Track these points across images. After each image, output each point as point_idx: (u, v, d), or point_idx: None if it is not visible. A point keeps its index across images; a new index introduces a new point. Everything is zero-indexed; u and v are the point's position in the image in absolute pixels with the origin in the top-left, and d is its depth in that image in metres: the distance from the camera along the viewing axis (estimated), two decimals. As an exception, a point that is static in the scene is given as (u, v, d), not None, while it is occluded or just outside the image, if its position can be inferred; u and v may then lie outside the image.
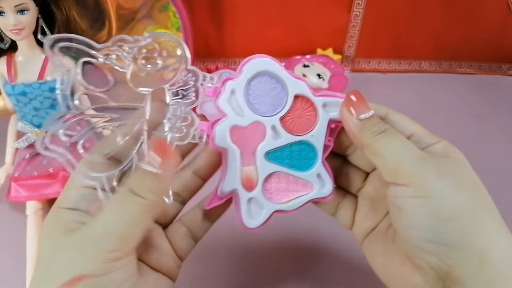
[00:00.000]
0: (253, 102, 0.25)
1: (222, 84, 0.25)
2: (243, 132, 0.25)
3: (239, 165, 0.26)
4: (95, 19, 0.49)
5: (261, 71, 0.25)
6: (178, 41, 0.24)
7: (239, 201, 0.26)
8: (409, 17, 0.58)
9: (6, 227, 0.41)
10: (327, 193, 0.27)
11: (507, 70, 0.63)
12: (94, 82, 0.24)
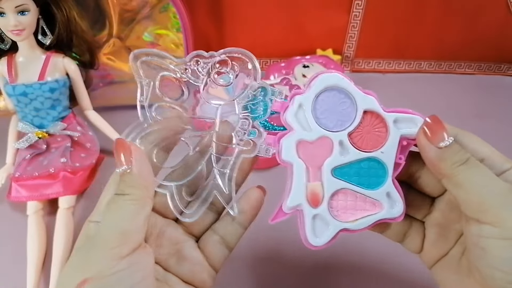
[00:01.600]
0: (321, 117, 0.25)
1: (290, 98, 0.25)
2: (309, 147, 0.25)
3: (304, 181, 0.25)
4: (96, 20, 0.49)
5: (330, 85, 0.25)
6: (249, 56, 0.25)
7: (303, 218, 0.25)
8: (409, 18, 0.58)
9: (6, 227, 0.41)
10: (397, 213, 0.25)
11: (507, 70, 0.63)
12: (171, 94, 0.26)
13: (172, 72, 0.25)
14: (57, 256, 0.37)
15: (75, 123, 0.45)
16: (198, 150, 0.26)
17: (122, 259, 0.20)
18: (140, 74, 0.25)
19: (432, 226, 0.26)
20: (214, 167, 0.26)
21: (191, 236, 0.26)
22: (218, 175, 0.26)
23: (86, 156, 0.44)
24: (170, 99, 0.26)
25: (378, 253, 0.38)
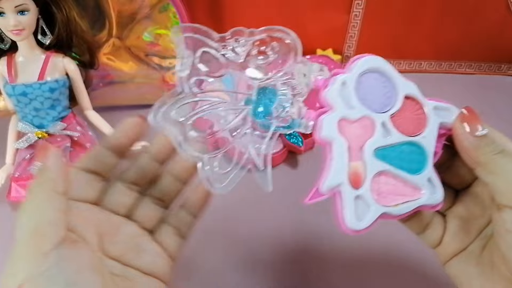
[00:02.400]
0: (363, 97, 0.25)
1: (333, 76, 0.25)
2: (351, 126, 0.24)
3: (346, 160, 0.24)
4: (95, 19, 0.49)
5: (372, 68, 0.25)
6: (287, 31, 0.26)
7: (343, 199, 0.24)
8: (409, 18, 0.58)
9: (6, 227, 0.41)
10: (438, 200, 0.25)
11: (507, 70, 0.63)
12: (210, 69, 0.26)
13: (213, 49, 0.25)
14: (57, 256, 0.37)
15: (75, 123, 0.45)
16: (233, 123, 0.26)
17: (46, 257, 0.19)
18: (182, 47, 0.25)
19: (454, 219, 0.26)
20: (249, 142, 0.26)
21: (146, 231, 0.27)
22: (254, 151, 0.26)
23: (86, 156, 0.44)
24: (208, 73, 0.26)
25: (380, 249, 0.38)
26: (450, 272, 0.26)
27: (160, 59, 0.54)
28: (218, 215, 0.35)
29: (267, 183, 0.25)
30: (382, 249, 0.39)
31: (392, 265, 0.38)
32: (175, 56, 0.53)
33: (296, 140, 0.46)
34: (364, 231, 0.24)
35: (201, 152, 0.25)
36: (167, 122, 0.24)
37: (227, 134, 0.37)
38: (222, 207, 0.35)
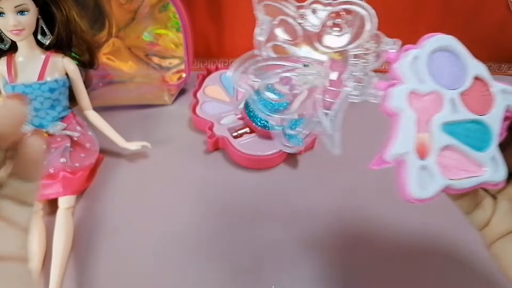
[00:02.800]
0: (433, 73, 0.26)
1: (405, 50, 0.26)
2: (421, 99, 0.25)
3: (413, 130, 0.25)
4: (95, 19, 0.49)
5: (444, 46, 0.26)
6: (364, 5, 0.27)
7: (408, 168, 0.24)
8: (409, 17, 0.58)
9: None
10: (500, 178, 0.25)
11: (507, 70, 0.63)
12: (287, 36, 0.27)
13: (291, 17, 0.26)
14: (56, 256, 0.37)
15: (74, 123, 0.45)
16: (305, 88, 0.27)
17: None
18: (261, 13, 0.27)
19: (505, 200, 0.27)
20: (320, 108, 0.27)
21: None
22: (324, 116, 0.27)
23: (86, 156, 0.44)
24: (285, 40, 0.27)
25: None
26: (495, 253, 0.26)
27: (160, 59, 0.54)
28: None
29: (335, 146, 0.27)
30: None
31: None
32: (175, 56, 0.53)
33: (296, 140, 0.46)
34: (426, 200, 0.24)
35: (275, 112, 0.28)
36: (244, 82, 0.27)
37: (227, 134, 0.43)
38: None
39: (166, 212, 0.42)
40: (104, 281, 0.36)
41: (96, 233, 0.40)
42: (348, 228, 0.41)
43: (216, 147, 0.49)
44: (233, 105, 0.53)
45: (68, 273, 0.37)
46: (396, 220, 0.42)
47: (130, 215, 0.42)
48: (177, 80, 0.55)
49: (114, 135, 0.46)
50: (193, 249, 0.39)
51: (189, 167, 0.47)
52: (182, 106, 0.56)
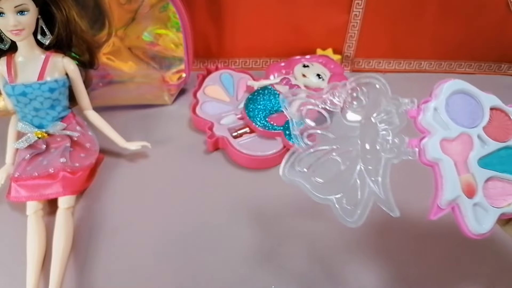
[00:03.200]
0: (454, 117, 0.28)
1: (422, 104, 0.29)
2: (452, 144, 0.28)
3: (456, 174, 0.27)
4: (95, 19, 0.49)
5: (456, 90, 0.29)
6: (375, 77, 0.30)
7: (463, 209, 0.27)
8: (409, 17, 0.58)
9: (6, 227, 0.41)
10: None
11: (507, 70, 0.63)
12: (316, 122, 0.30)
13: (315, 105, 0.30)
14: (56, 256, 0.37)
15: (74, 123, 0.45)
16: (348, 164, 0.29)
17: None
18: (291, 111, 0.30)
19: None
20: (367, 177, 0.29)
21: None
22: (372, 184, 0.29)
23: (86, 156, 0.44)
24: (315, 126, 0.30)
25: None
26: None
27: (160, 59, 0.54)
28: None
29: (392, 209, 0.28)
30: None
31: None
32: (175, 56, 0.53)
33: (296, 140, 0.46)
34: (488, 234, 0.27)
35: (330, 193, 0.29)
36: (294, 175, 0.30)
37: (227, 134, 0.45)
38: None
39: (166, 212, 0.42)
40: (104, 281, 0.36)
41: (96, 233, 0.40)
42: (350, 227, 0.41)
43: (216, 147, 0.49)
44: (233, 105, 0.53)
45: (68, 273, 0.37)
46: (396, 220, 0.42)
47: (130, 215, 0.42)
48: (177, 80, 0.55)
49: (114, 135, 0.46)
50: (193, 249, 0.39)
51: (189, 167, 0.47)
52: (182, 106, 0.56)
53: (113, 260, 0.38)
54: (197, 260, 0.38)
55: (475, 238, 0.27)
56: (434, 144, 0.28)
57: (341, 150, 0.29)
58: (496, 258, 0.38)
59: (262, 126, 0.47)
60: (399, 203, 0.28)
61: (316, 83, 0.53)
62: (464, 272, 0.37)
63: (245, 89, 0.55)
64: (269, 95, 0.51)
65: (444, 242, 0.39)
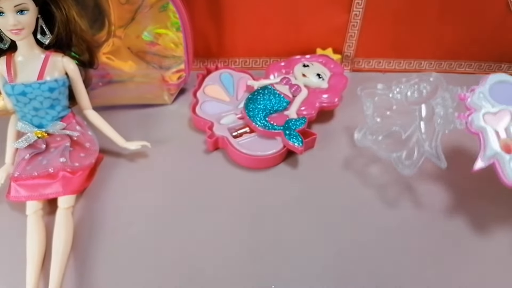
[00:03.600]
0: (497, 99, 0.39)
1: (471, 91, 0.40)
2: (493, 117, 0.38)
3: (495, 138, 0.37)
4: (95, 19, 0.49)
5: (498, 80, 0.40)
6: (430, 75, 0.44)
7: (501, 163, 0.36)
8: (409, 17, 0.58)
9: (6, 227, 0.41)
10: None
11: (507, 69, 0.63)
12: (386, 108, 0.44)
13: (384, 94, 0.44)
14: (56, 255, 0.37)
15: (74, 123, 0.45)
16: (408, 133, 0.41)
17: None
18: (366, 99, 0.45)
19: None
20: (424, 142, 0.40)
21: None
22: (428, 146, 0.40)
23: (86, 155, 0.44)
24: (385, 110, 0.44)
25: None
26: None
27: (160, 58, 0.54)
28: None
29: (442, 162, 0.39)
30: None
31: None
32: (175, 55, 0.53)
33: (296, 140, 0.46)
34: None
35: (392, 152, 0.41)
36: (365, 142, 0.43)
37: (227, 133, 0.48)
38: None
39: (166, 211, 0.42)
40: (104, 281, 0.36)
41: (96, 233, 0.40)
42: (349, 226, 0.41)
43: (216, 146, 0.49)
44: (233, 105, 0.53)
45: (67, 273, 0.37)
46: (397, 219, 0.42)
47: (129, 215, 0.42)
48: (177, 80, 0.55)
49: (114, 135, 0.46)
50: (193, 248, 0.39)
51: (189, 166, 0.47)
52: (182, 106, 0.56)
53: (112, 260, 0.38)
54: (197, 260, 0.38)
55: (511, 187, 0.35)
56: (478, 117, 0.38)
57: (403, 124, 0.42)
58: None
59: (262, 126, 0.47)
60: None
61: (316, 82, 0.53)
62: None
63: (245, 88, 0.55)
64: (269, 95, 0.51)
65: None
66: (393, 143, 0.41)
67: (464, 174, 0.40)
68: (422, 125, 0.41)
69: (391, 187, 0.45)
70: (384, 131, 0.42)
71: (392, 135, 0.42)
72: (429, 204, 0.43)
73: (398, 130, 0.41)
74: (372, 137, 0.42)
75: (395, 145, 0.41)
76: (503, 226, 0.41)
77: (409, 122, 0.41)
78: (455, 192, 0.43)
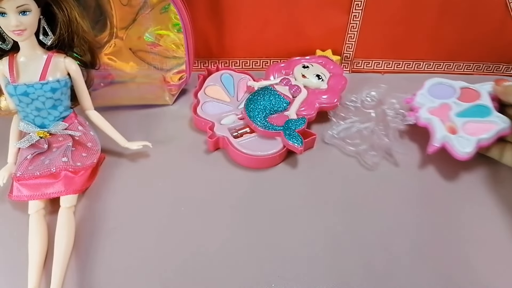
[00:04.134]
0: (436, 96, 0.49)
1: (413, 95, 0.51)
2: (436, 110, 0.47)
3: (442, 124, 0.46)
4: (97, 20, 0.49)
5: (435, 82, 0.51)
6: (384, 86, 0.56)
7: (450, 142, 0.44)
8: (408, 18, 0.58)
9: (8, 226, 0.41)
10: (508, 126, 0.44)
11: (506, 70, 0.64)
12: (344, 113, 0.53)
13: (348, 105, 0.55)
14: (58, 255, 0.37)
15: (76, 123, 0.45)
16: (369, 130, 0.50)
17: None
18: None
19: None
20: (383, 137, 0.49)
21: None
22: (386, 139, 0.48)
23: (88, 155, 0.44)
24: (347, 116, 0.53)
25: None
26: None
27: (161, 59, 0.54)
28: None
29: (397, 152, 0.48)
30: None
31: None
32: (176, 56, 0.53)
33: (296, 140, 0.46)
34: (471, 155, 0.43)
35: (357, 147, 0.49)
36: (333, 140, 0.50)
37: (227, 134, 0.49)
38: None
39: (167, 212, 0.42)
40: (106, 280, 0.37)
41: (98, 232, 0.40)
42: (349, 226, 0.41)
43: (216, 147, 0.49)
44: (234, 105, 0.53)
45: (69, 272, 0.37)
46: (397, 218, 0.42)
47: (131, 214, 0.42)
48: (178, 81, 0.56)
49: (116, 135, 0.46)
50: (194, 248, 0.39)
51: (190, 166, 0.47)
52: (183, 106, 0.56)
53: (114, 259, 0.38)
54: (197, 259, 0.38)
55: (463, 159, 0.43)
56: (424, 112, 0.48)
57: (363, 124, 0.50)
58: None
59: (263, 126, 0.48)
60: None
61: (315, 83, 0.53)
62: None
63: (246, 89, 0.55)
64: (269, 96, 0.51)
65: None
66: (359, 139, 0.49)
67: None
68: (380, 123, 0.50)
69: (391, 186, 0.45)
70: (349, 131, 0.50)
71: (356, 134, 0.50)
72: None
73: (360, 129, 0.50)
74: (339, 136, 0.50)
75: (360, 140, 0.49)
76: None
77: (368, 121, 0.51)
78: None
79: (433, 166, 0.47)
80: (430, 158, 0.47)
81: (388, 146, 0.48)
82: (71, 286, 0.36)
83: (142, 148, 0.47)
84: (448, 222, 0.42)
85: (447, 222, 0.42)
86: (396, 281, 0.37)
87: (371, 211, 0.43)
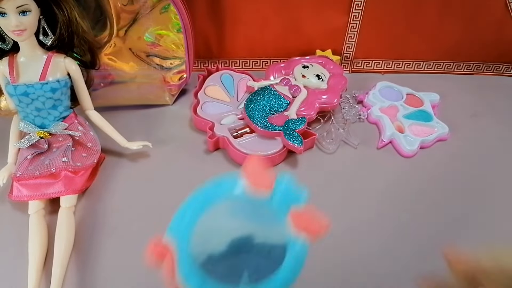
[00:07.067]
0: (386, 97, 0.55)
1: (366, 93, 0.57)
2: (386, 110, 0.54)
3: (391, 122, 0.51)
4: (97, 20, 0.49)
5: (385, 85, 0.57)
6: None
7: (397, 140, 0.49)
8: (408, 18, 0.58)
9: (8, 226, 0.41)
10: (446, 132, 0.51)
11: (506, 70, 0.64)
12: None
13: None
14: (58, 255, 0.37)
15: (76, 123, 0.45)
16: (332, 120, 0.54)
17: None
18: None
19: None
20: (339, 127, 0.52)
21: None
22: (341, 130, 0.52)
23: (87, 155, 0.44)
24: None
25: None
26: None
27: (161, 59, 0.54)
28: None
29: (353, 142, 0.51)
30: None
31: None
32: (176, 56, 0.53)
33: (296, 140, 0.46)
34: (415, 152, 0.49)
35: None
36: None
37: (227, 134, 0.50)
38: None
39: (167, 212, 0.42)
40: (105, 280, 0.37)
41: (97, 232, 0.40)
42: (349, 227, 0.41)
43: (216, 147, 0.49)
44: (234, 105, 0.53)
45: (69, 272, 0.37)
46: (397, 217, 0.42)
47: (131, 214, 0.42)
48: (178, 81, 0.56)
49: (116, 135, 0.46)
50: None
51: (190, 166, 0.47)
52: (183, 106, 0.56)
53: (114, 259, 0.38)
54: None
55: (408, 156, 0.48)
56: (376, 109, 0.54)
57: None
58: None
59: (262, 126, 0.48)
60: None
61: (315, 83, 0.53)
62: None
63: (246, 89, 0.55)
64: (269, 96, 0.51)
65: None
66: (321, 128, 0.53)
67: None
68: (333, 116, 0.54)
69: (391, 187, 0.45)
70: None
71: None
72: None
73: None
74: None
75: (321, 129, 0.53)
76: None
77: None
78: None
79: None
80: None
81: (343, 136, 0.51)
82: (71, 286, 0.36)
83: (142, 148, 0.47)
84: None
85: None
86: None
87: (372, 211, 0.42)
